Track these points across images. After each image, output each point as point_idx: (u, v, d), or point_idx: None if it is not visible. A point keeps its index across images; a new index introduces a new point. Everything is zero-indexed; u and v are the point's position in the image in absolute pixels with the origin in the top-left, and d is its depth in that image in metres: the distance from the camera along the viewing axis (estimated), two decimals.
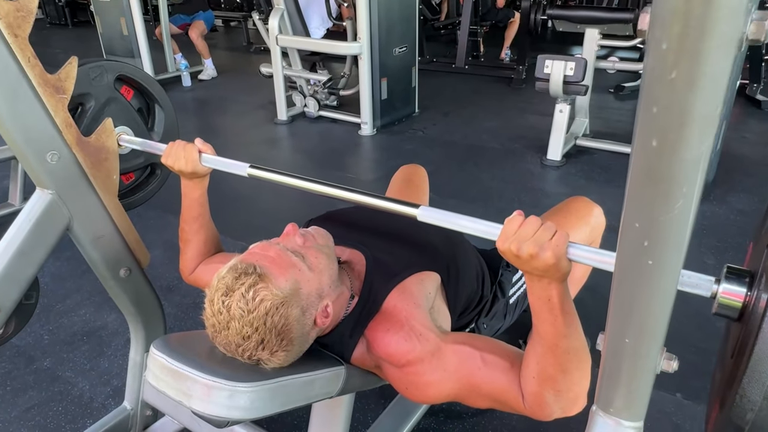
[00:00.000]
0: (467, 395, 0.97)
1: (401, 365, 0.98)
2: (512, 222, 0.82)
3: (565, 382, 0.86)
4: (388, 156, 3.77)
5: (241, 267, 0.89)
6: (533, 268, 0.79)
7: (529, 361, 0.89)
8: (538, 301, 0.84)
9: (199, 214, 1.28)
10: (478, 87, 5.43)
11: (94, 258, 1.26)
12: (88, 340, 2.02)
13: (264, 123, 4.50)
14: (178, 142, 1.22)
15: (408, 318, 1.01)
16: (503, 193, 3.12)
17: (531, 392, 0.89)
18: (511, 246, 0.79)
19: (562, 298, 0.82)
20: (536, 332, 0.87)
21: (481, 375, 0.94)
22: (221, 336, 0.88)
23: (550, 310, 0.83)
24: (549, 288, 0.81)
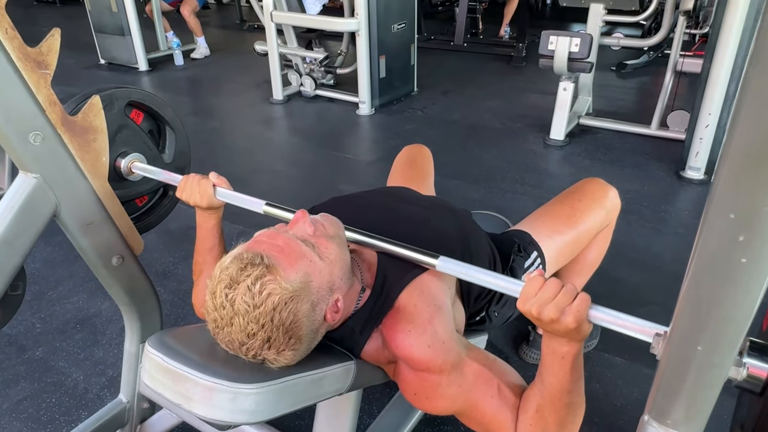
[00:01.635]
0: (467, 415, 0.96)
1: (420, 370, 0.93)
2: (533, 283, 0.80)
3: None
4: (387, 136, 3.68)
5: (247, 257, 0.81)
6: (554, 330, 0.79)
7: (528, 406, 0.90)
8: (551, 355, 0.84)
9: (214, 245, 1.23)
10: (478, 65, 5.31)
11: (83, 246, 1.18)
12: (82, 329, 1.95)
13: (259, 102, 4.38)
14: (192, 177, 1.17)
15: (431, 321, 0.95)
16: (506, 173, 3.04)
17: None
18: (532, 309, 0.78)
19: (575, 356, 0.82)
20: (541, 380, 0.88)
21: (491, 404, 0.93)
22: (224, 333, 0.81)
23: (561, 366, 0.83)
24: (566, 347, 0.81)
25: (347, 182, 3.01)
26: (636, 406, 1.58)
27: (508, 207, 2.68)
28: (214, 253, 1.23)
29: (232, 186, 1.21)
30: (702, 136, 2.78)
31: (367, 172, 3.20)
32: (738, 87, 2.71)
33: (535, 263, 1.39)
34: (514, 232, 1.44)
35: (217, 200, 1.16)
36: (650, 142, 3.36)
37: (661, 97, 3.32)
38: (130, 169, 1.27)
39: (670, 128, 3.34)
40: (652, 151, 3.25)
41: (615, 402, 1.59)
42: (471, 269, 0.89)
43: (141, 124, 1.34)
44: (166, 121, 1.39)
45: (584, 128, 3.59)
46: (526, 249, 1.38)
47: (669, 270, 2.15)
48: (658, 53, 5.03)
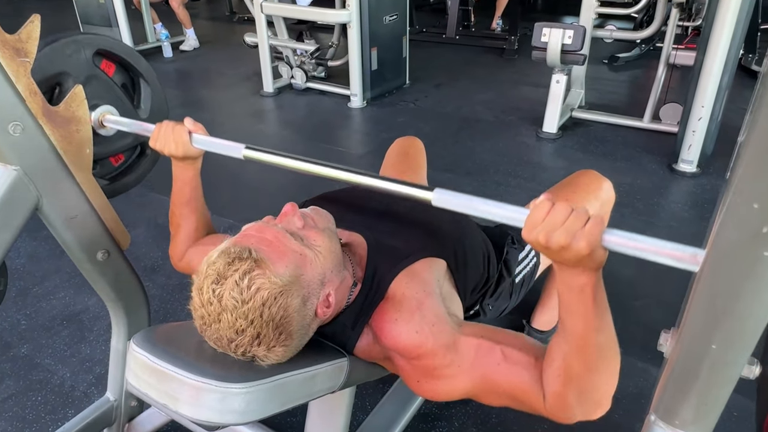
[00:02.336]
0: (483, 393, 0.89)
1: (412, 358, 0.90)
2: (539, 208, 0.71)
3: (591, 382, 0.78)
4: (379, 129, 3.65)
5: (235, 251, 0.78)
6: (565, 259, 0.70)
7: (553, 358, 0.81)
8: (568, 292, 0.75)
9: (192, 198, 1.18)
10: (470, 57, 5.28)
11: (67, 240, 1.15)
12: (69, 325, 1.91)
13: (249, 95, 4.33)
14: (166, 124, 1.11)
15: (419, 306, 0.92)
16: (499, 166, 3.02)
17: (553, 392, 0.81)
18: (539, 236, 0.70)
19: (595, 288, 0.73)
20: (563, 326, 0.78)
21: (501, 372, 0.85)
22: (211, 329, 0.78)
23: (581, 302, 0.74)
24: (581, 278, 0.72)
25: None
26: (631, 399, 1.57)
27: (502, 200, 2.64)
28: (192, 206, 1.18)
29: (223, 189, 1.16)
30: (695, 129, 2.77)
31: (359, 164, 3.17)
32: (730, 79, 2.70)
33: (529, 255, 1.38)
34: (507, 224, 1.42)
35: (194, 148, 1.10)
36: (643, 135, 3.35)
37: (653, 90, 3.31)
38: (102, 123, 1.18)
39: (662, 121, 3.33)
40: (644, 144, 3.24)
41: None
42: (470, 199, 0.82)
43: (113, 77, 1.25)
44: (139, 73, 1.30)
45: (577, 121, 3.58)
46: (520, 241, 1.36)
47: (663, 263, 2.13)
48: (650, 46, 5.03)
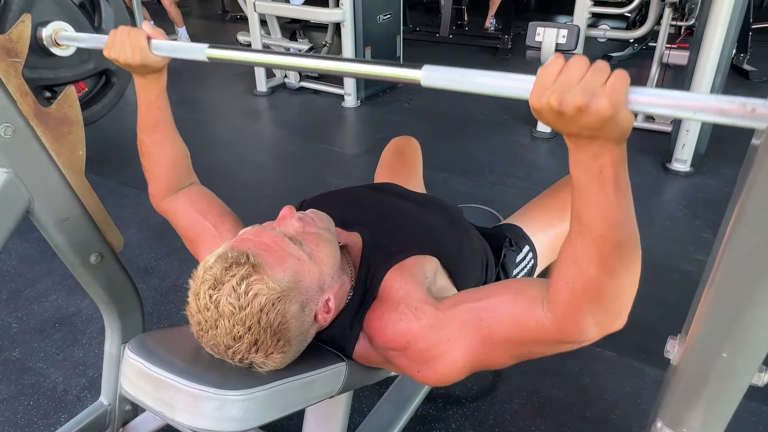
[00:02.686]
0: (484, 356, 0.82)
1: (404, 348, 0.86)
2: (550, 67, 0.59)
3: (609, 288, 0.67)
4: (373, 128, 3.64)
5: (232, 256, 0.77)
6: (582, 126, 0.57)
7: (564, 264, 0.70)
8: (584, 175, 0.62)
9: (159, 121, 1.07)
10: (464, 57, 5.28)
11: (59, 243, 1.13)
12: (61, 328, 1.89)
13: (242, 94, 4.30)
14: (121, 29, 0.98)
15: (404, 296, 0.89)
16: (494, 166, 3.02)
17: (563, 302, 0.70)
18: (551, 99, 0.57)
19: (618, 168, 0.60)
20: (576, 221, 0.66)
21: (486, 324, 0.79)
22: (208, 336, 0.76)
23: (600, 187, 0.61)
24: (602, 154, 0.60)
25: (334, 175, 2.96)
26: (628, 400, 1.57)
27: (497, 199, 2.66)
28: (162, 131, 1.08)
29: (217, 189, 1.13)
30: (688, 128, 2.78)
31: (354, 164, 3.16)
32: (723, 79, 2.71)
33: (527, 257, 1.37)
34: (505, 226, 1.41)
35: (153, 55, 0.97)
36: (636, 134, 3.35)
37: None
38: (55, 40, 1.08)
39: (656, 120, 3.34)
40: (638, 143, 3.24)
41: (607, 397, 1.58)
42: (463, 73, 0.69)
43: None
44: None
45: None
46: (517, 243, 1.36)
47: (658, 263, 2.14)
48: (643, 45, 5.04)
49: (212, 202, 1.15)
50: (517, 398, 1.58)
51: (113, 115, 3.76)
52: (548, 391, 1.61)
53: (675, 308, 1.90)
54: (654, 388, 1.61)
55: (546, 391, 1.60)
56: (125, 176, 2.88)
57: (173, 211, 1.13)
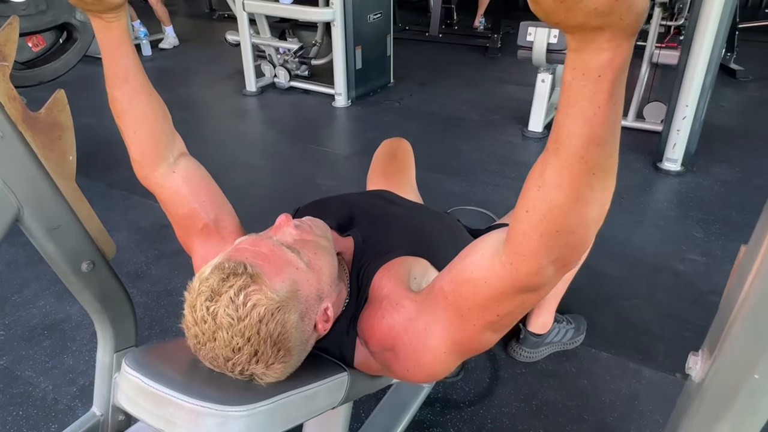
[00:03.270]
0: (459, 335, 0.76)
1: (391, 347, 0.84)
2: None
3: (572, 217, 0.58)
4: (364, 128, 3.62)
5: (229, 266, 0.75)
6: (588, 11, 0.46)
7: (527, 188, 0.61)
8: (579, 80, 0.52)
9: (128, 69, 0.94)
10: (454, 56, 5.27)
11: (50, 252, 1.10)
12: (50, 335, 1.85)
13: (232, 94, 4.26)
14: None
15: (387, 294, 0.88)
16: (486, 166, 3.01)
17: (517, 235, 0.62)
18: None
19: (618, 73, 0.51)
20: (554, 137, 0.56)
21: (451, 298, 0.75)
22: (206, 348, 0.74)
23: (592, 96, 0.52)
24: (606, 49, 0.49)
25: (325, 176, 2.94)
26: (625, 401, 1.57)
27: (490, 200, 2.65)
28: (132, 80, 0.95)
29: None
30: (679, 128, 2.79)
31: (345, 165, 3.14)
32: (713, 79, 2.72)
33: None
34: (499, 226, 1.40)
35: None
36: (627, 134, 3.37)
37: (637, 89, 3.33)
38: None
39: (646, 120, 3.36)
40: (629, 143, 3.26)
41: (604, 398, 1.58)
42: None
43: None
44: None
45: None
46: None
47: (650, 262, 2.15)
48: None
49: (213, 192, 1.06)
50: (515, 401, 1.58)
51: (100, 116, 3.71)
52: (545, 393, 1.60)
53: (669, 308, 1.91)
54: (651, 389, 1.61)
55: (543, 394, 1.60)
56: (113, 178, 2.83)
57: (169, 192, 1.01)
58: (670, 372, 1.66)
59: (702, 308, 1.91)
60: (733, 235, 2.34)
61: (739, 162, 3.01)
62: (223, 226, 1.03)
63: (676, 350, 1.74)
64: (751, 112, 3.78)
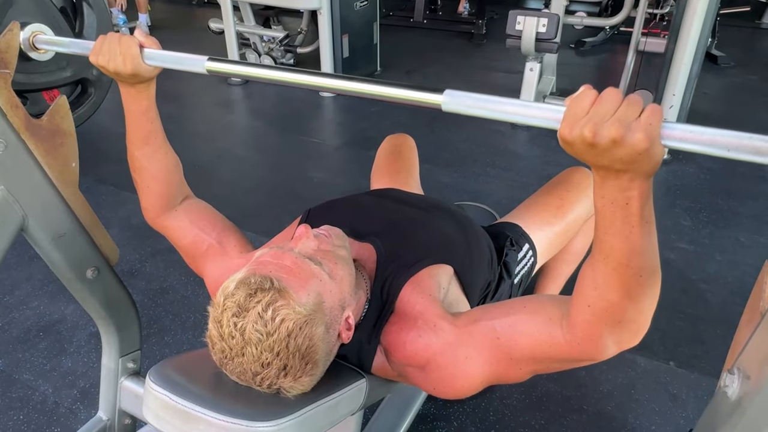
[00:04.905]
0: (502, 371, 0.83)
1: (422, 365, 0.87)
2: (581, 98, 0.59)
3: (630, 311, 0.69)
4: (353, 119, 3.60)
5: (255, 281, 0.75)
6: (614, 159, 0.57)
7: (584, 287, 0.71)
8: (610, 207, 0.62)
9: (150, 132, 1.03)
10: (439, 43, 5.25)
11: (55, 260, 1.09)
12: (46, 336, 1.83)
13: (216, 84, 4.20)
14: (111, 35, 0.94)
15: (422, 311, 0.90)
16: (477, 156, 3.03)
17: (583, 323, 0.72)
18: (584, 131, 0.57)
19: (644, 201, 0.61)
20: (599, 249, 0.67)
21: (504, 342, 0.80)
22: (234, 363, 0.75)
23: (625, 219, 0.62)
24: (630, 187, 0.60)
25: (316, 168, 2.93)
26: (622, 391, 1.61)
27: (482, 191, 2.67)
28: (154, 143, 1.03)
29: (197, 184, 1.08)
30: (666, 117, 2.83)
31: (336, 156, 3.12)
32: (699, 67, 2.76)
33: (527, 255, 1.38)
34: (504, 224, 1.42)
35: (146, 65, 0.93)
36: None
37: (623, 77, 3.36)
38: (33, 44, 1.01)
39: None
40: None
41: (602, 389, 1.62)
42: (486, 100, 0.67)
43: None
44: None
45: None
46: (518, 242, 1.37)
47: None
48: (615, 30, 5.10)
49: (213, 218, 1.13)
50: (516, 394, 1.61)
51: None
52: (545, 385, 1.64)
53: (661, 298, 1.94)
54: (646, 378, 1.65)
55: (543, 386, 1.63)
56: (102, 172, 2.78)
57: (173, 228, 1.10)
58: (664, 361, 1.71)
59: (692, 297, 1.96)
60: (720, 223, 2.39)
61: None
62: (226, 243, 1.07)
63: (669, 339, 1.78)
64: (734, 99, 3.84)
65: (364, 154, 3.06)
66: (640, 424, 1.51)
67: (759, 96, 3.86)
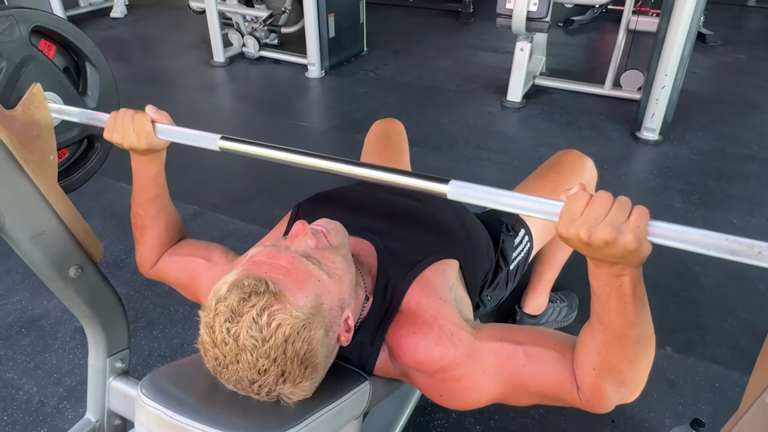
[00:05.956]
0: (513, 396, 0.85)
1: (434, 372, 0.85)
2: (576, 200, 0.65)
3: (630, 372, 0.76)
4: (341, 100, 3.52)
5: (249, 284, 0.70)
6: (607, 255, 0.65)
7: (587, 352, 0.77)
8: (605, 288, 0.70)
9: (157, 195, 1.08)
10: (426, 22, 5.15)
11: (35, 259, 1.02)
12: (28, 333, 1.76)
13: (199, 66, 4.08)
14: (123, 112, 0.98)
15: (435, 317, 0.87)
16: (468, 139, 2.98)
17: (589, 384, 0.78)
18: (580, 232, 0.64)
19: (635, 283, 0.68)
20: (598, 320, 0.74)
21: (528, 372, 0.82)
22: (228, 371, 0.70)
23: (620, 298, 0.69)
24: (622, 273, 0.67)
25: None
26: None
27: (474, 174, 2.63)
28: (158, 204, 1.09)
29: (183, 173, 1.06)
30: (658, 97, 2.80)
31: (325, 141, 3.05)
32: (692, 47, 2.73)
33: (523, 241, 1.35)
34: (499, 210, 1.38)
35: (159, 140, 0.98)
36: (605, 102, 3.38)
37: (613, 57, 3.32)
38: None
39: (623, 88, 3.36)
40: (607, 112, 3.27)
41: None
42: (490, 192, 0.74)
43: (53, 59, 1.10)
44: (85, 55, 1.15)
45: (539, 89, 3.56)
46: (513, 227, 1.34)
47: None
48: (603, 9, 5.04)
49: (195, 243, 1.14)
50: None
51: None
52: None
53: (655, 282, 1.94)
54: None
55: None
56: None
57: (164, 271, 1.12)
58: (660, 346, 1.70)
59: (686, 281, 1.95)
60: (712, 204, 2.38)
61: (714, 129, 3.06)
62: (211, 257, 1.08)
63: (664, 324, 1.78)
64: (723, 78, 3.83)
65: (352, 137, 2.99)
66: (639, 412, 1.50)
67: (747, 75, 3.85)
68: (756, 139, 2.95)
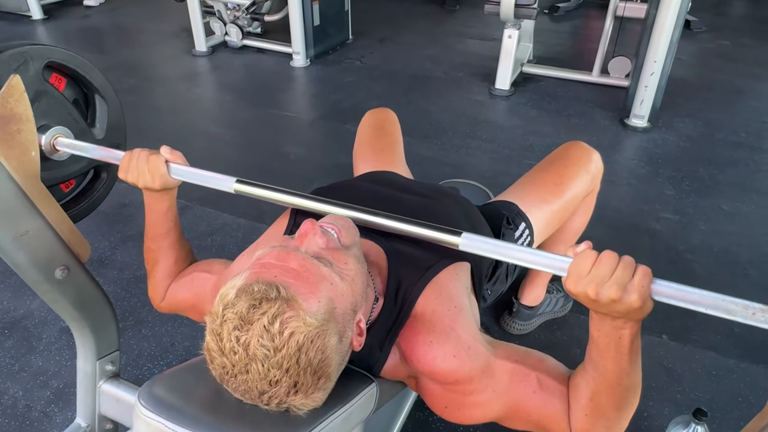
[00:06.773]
0: (510, 418, 0.86)
1: (448, 383, 0.83)
2: (584, 259, 0.69)
3: (618, 419, 0.81)
4: (327, 90, 3.46)
5: (259, 290, 0.66)
6: (611, 311, 0.69)
7: (581, 396, 0.80)
8: (605, 339, 0.74)
9: (169, 229, 1.08)
10: (411, 9, 5.09)
11: (19, 261, 0.97)
12: (11, 334, 1.70)
13: (180, 55, 3.98)
14: (138, 152, 0.99)
15: (452, 326, 0.85)
16: (457, 127, 2.95)
17: (581, 429, 0.81)
18: (588, 290, 0.68)
19: (633, 337, 0.73)
20: (594, 367, 0.78)
21: (536, 400, 0.83)
22: (237, 381, 0.66)
23: (618, 349, 0.74)
24: (623, 327, 0.71)
25: (291, 144, 2.80)
26: None
27: (464, 164, 2.60)
28: (170, 238, 1.09)
29: None
30: (647, 84, 2.80)
31: (312, 131, 3.00)
32: (680, 33, 2.72)
33: (523, 234, 1.33)
34: (500, 203, 1.35)
35: (173, 180, 1.00)
36: (593, 89, 3.37)
37: (601, 43, 3.30)
38: (54, 147, 1.06)
39: (611, 75, 3.35)
40: (595, 99, 3.26)
41: None
42: (501, 246, 0.79)
43: (63, 92, 1.12)
44: (94, 88, 1.18)
45: (527, 76, 3.54)
46: (514, 221, 1.31)
47: (629, 223, 2.17)
48: None
49: (197, 263, 1.14)
50: None
51: None
52: None
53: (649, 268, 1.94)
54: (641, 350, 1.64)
55: None
56: None
57: (172, 299, 1.11)
58: (656, 334, 1.70)
59: (680, 268, 1.95)
60: (702, 191, 2.39)
61: (701, 116, 3.07)
62: (211, 268, 1.07)
63: (660, 312, 1.75)
64: (709, 64, 3.84)
65: (340, 127, 2.95)
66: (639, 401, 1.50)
67: (732, 62, 3.87)
68: (743, 125, 2.97)
